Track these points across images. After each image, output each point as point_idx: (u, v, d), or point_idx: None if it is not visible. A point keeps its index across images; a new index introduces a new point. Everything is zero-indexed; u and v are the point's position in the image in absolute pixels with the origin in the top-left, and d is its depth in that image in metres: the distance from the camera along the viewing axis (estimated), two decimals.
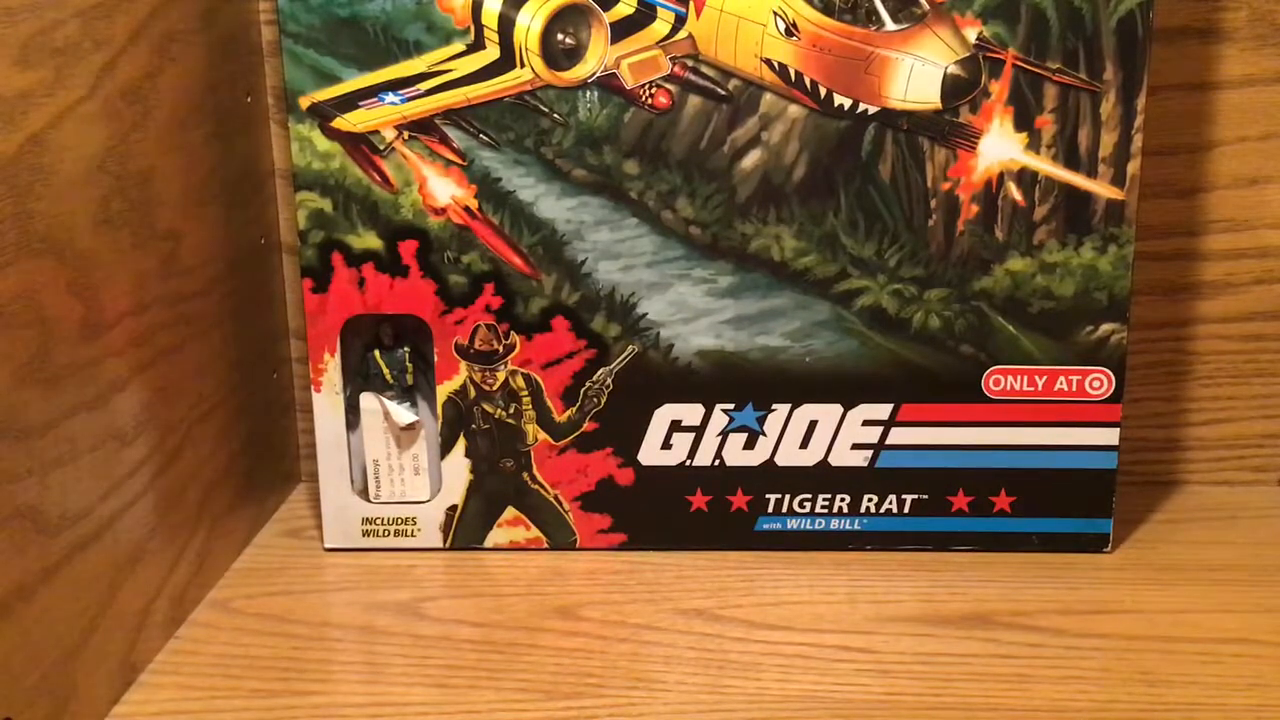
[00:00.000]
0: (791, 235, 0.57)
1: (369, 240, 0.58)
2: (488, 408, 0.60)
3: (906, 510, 0.60)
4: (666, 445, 0.60)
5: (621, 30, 0.55)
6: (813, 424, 0.59)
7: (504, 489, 0.61)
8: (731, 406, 0.59)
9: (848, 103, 0.55)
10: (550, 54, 0.55)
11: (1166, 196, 0.64)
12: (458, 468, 0.61)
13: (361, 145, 0.57)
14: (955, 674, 0.51)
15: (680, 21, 0.55)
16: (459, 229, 0.58)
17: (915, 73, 0.54)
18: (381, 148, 0.57)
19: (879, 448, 0.59)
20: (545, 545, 0.62)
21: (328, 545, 0.62)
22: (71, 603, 0.47)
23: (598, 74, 0.56)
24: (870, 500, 0.60)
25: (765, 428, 0.60)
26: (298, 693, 0.51)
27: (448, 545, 0.62)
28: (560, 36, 0.55)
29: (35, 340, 0.45)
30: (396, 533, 0.62)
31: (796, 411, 0.59)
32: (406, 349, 0.61)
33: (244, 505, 0.63)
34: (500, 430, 0.60)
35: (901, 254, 0.57)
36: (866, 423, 0.59)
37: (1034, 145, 0.56)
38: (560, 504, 0.61)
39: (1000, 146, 0.56)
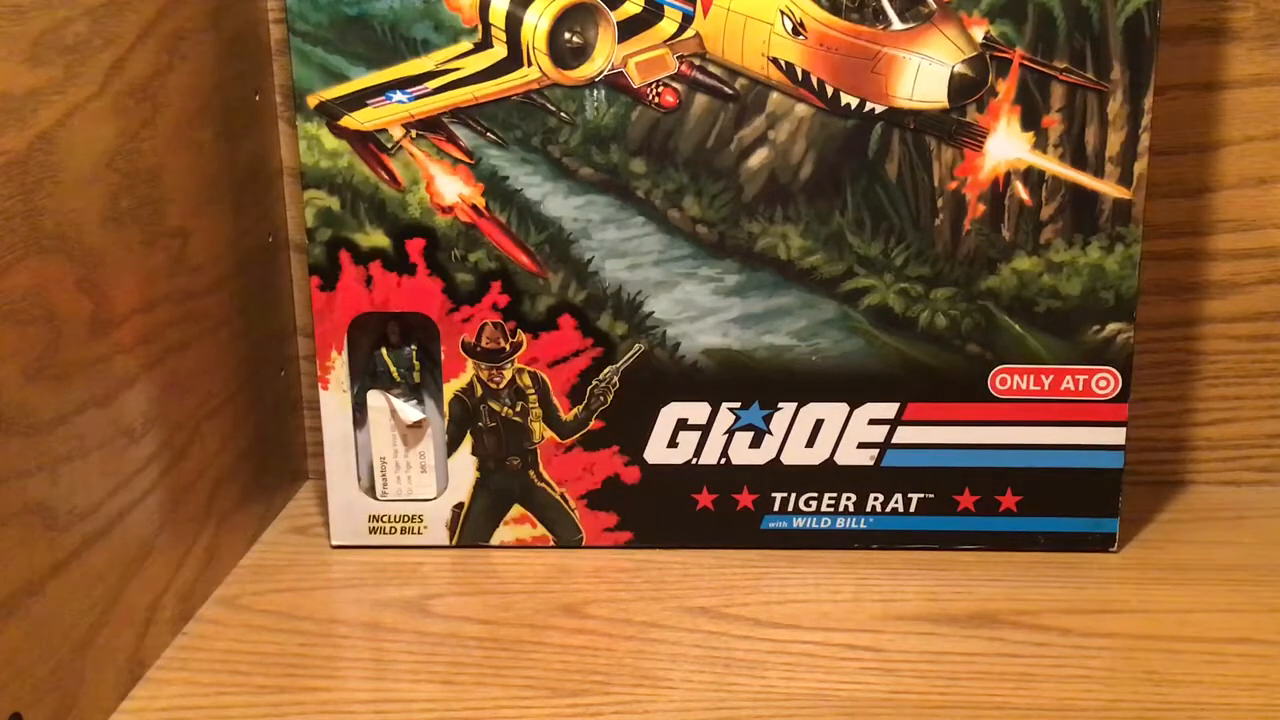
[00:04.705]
0: (798, 234, 0.57)
1: (376, 238, 0.58)
2: (494, 406, 0.60)
3: (912, 509, 0.60)
4: (673, 444, 0.60)
5: (629, 29, 0.55)
6: (819, 423, 0.59)
7: (510, 487, 0.61)
8: (738, 405, 0.59)
9: (855, 102, 0.55)
10: (557, 52, 0.55)
11: (1173, 196, 0.63)
12: (464, 465, 0.61)
13: (369, 143, 0.57)
14: (961, 673, 0.51)
15: (687, 20, 0.55)
16: (466, 227, 0.58)
17: (922, 72, 0.54)
18: (389, 146, 0.57)
19: (885, 447, 0.59)
20: (551, 543, 0.62)
21: (335, 542, 0.62)
22: (80, 598, 0.47)
23: (605, 72, 0.56)
24: (876, 499, 0.60)
25: (771, 426, 0.60)
26: (304, 689, 0.51)
27: (454, 543, 0.62)
28: (567, 35, 0.55)
29: (44, 337, 0.45)
30: (403, 530, 0.62)
31: (803, 410, 0.59)
32: (414, 347, 0.61)
33: (251, 502, 0.63)
34: (507, 428, 0.60)
35: (908, 253, 0.57)
36: (873, 421, 0.59)
37: (1041, 144, 0.56)
38: (566, 502, 0.61)
39: (1007, 146, 0.56)
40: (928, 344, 0.58)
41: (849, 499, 0.60)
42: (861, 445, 0.60)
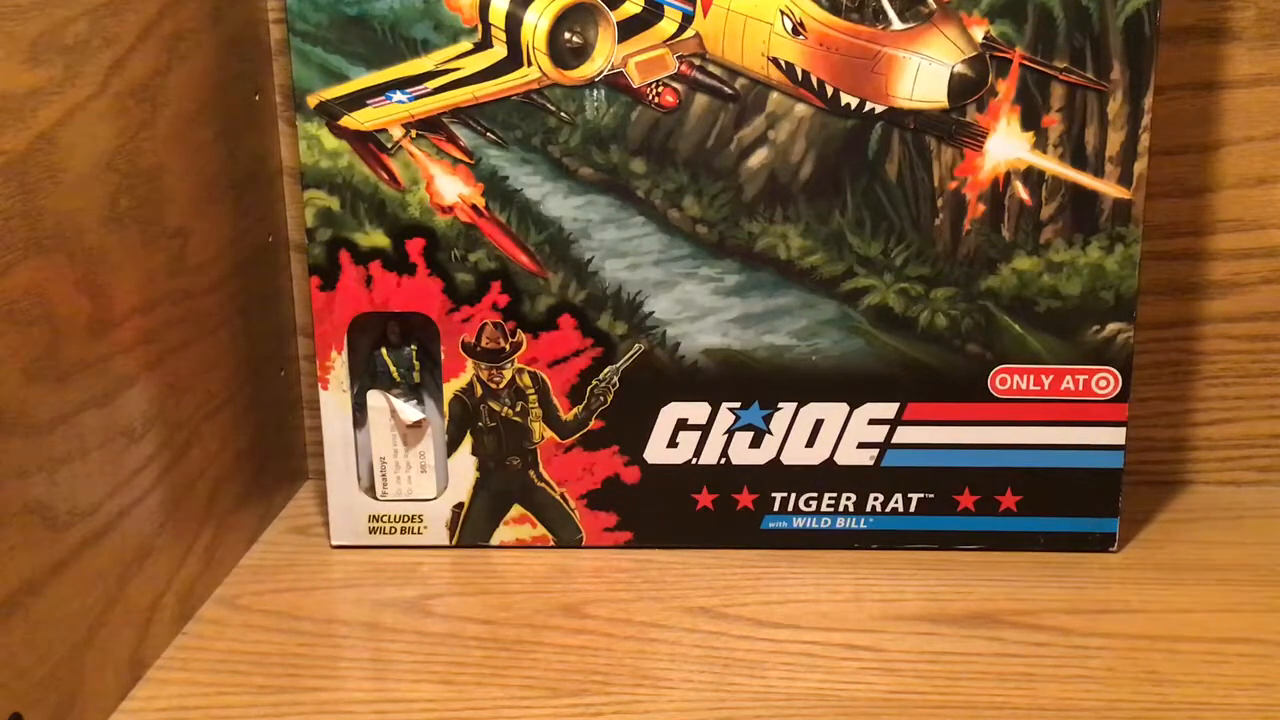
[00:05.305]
0: (798, 234, 0.57)
1: (376, 238, 0.58)
2: (494, 406, 0.60)
3: (912, 509, 0.60)
4: (672, 444, 0.60)
5: (629, 29, 0.55)
6: (819, 423, 0.59)
7: (510, 487, 0.61)
8: (738, 405, 0.59)
9: (854, 102, 0.55)
10: (557, 52, 0.55)
11: (1173, 196, 0.63)
12: (464, 465, 0.61)
13: (369, 143, 0.57)
14: (961, 673, 0.51)
15: (687, 20, 0.55)
16: (466, 227, 0.58)
17: (922, 72, 0.54)
18: (389, 146, 0.57)
19: (885, 446, 0.59)
20: (551, 543, 0.62)
21: (335, 542, 0.62)
22: (80, 598, 0.47)
23: (605, 72, 0.56)
24: (876, 499, 0.60)
25: (771, 426, 0.60)
26: (304, 689, 0.51)
27: (454, 543, 0.62)
28: (567, 35, 0.55)
29: (44, 337, 0.45)
30: (403, 530, 0.62)
31: (802, 410, 0.59)
32: (413, 347, 0.61)
33: (251, 502, 0.63)
34: (507, 428, 0.60)
35: (908, 253, 0.57)
36: (872, 421, 0.59)
37: (1041, 144, 0.56)
38: (566, 502, 0.61)
39: (1007, 146, 0.56)
40: (928, 344, 0.58)
41: (849, 499, 0.60)
42: (861, 445, 0.60)
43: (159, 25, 0.53)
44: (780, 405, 0.59)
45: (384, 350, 0.61)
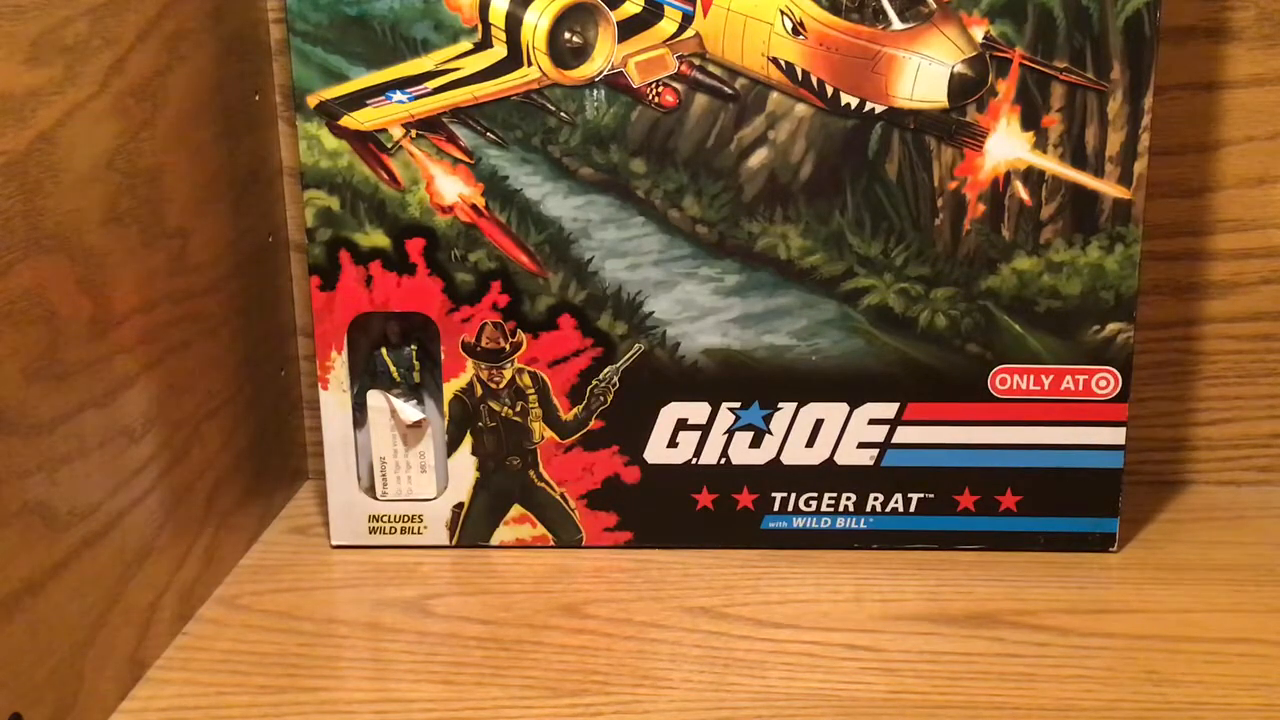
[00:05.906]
0: (798, 234, 0.57)
1: (376, 238, 0.58)
2: (494, 406, 0.60)
3: (912, 509, 0.60)
4: (672, 444, 0.60)
5: (629, 29, 0.55)
6: (819, 423, 0.59)
7: (510, 487, 0.61)
8: (738, 405, 0.59)
9: (854, 102, 0.55)
10: (557, 52, 0.55)
11: (1173, 196, 0.63)
12: (464, 465, 0.61)
13: (369, 143, 0.57)
14: (961, 673, 0.51)
15: (687, 20, 0.55)
16: (466, 227, 0.58)
17: (922, 72, 0.54)
18: (389, 146, 0.57)
19: (885, 446, 0.59)
20: (551, 543, 0.62)
21: (335, 542, 0.62)
22: (80, 598, 0.47)
23: (605, 72, 0.56)
24: (876, 499, 0.60)
25: (771, 426, 0.60)
26: (304, 689, 0.51)
27: (454, 543, 0.62)
28: (567, 35, 0.55)
29: (44, 337, 0.45)
30: (403, 530, 0.62)
31: (803, 410, 0.59)
32: (413, 347, 0.61)
33: (251, 502, 0.63)
34: (507, 428, 0.60)
35: (908, 253, 0.57)
36: (873, 421, 0.59)
37: (1041, 144, 0.56)
38: (566, 502, 0.61)
39: (1007, 145, 0.56)
40: (928, 344, 0.58)
41: (849, 499, 0.60)
42: (861, 445, 0.60)
43: (159, 25, 0.53)
44: (780, 405, 0.59)
45: (384, 350, 0.61)
